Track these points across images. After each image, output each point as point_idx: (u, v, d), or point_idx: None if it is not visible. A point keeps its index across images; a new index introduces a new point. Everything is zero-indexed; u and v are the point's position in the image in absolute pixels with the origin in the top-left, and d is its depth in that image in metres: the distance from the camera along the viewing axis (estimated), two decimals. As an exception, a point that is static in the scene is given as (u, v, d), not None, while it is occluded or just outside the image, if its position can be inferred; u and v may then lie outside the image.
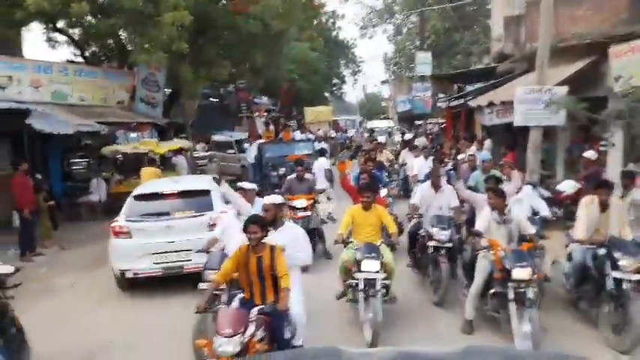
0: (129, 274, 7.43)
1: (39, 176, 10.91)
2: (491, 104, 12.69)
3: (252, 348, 3.97)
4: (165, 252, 7.34)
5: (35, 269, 9.05)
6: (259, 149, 16.39)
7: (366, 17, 37.68)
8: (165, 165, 14.42)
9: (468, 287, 6.03)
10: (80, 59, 17.07)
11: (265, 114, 31.88)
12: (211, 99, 26.81)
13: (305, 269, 7.42)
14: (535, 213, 6.99)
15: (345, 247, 6.20)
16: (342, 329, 6.05)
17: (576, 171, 10.39)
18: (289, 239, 4.96)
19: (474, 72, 19.41)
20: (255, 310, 4.21)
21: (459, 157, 12.63)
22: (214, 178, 7.10)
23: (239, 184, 7.06)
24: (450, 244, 6.77)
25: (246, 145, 19.71)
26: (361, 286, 5.62)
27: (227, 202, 6.85)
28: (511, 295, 5.24)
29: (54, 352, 5.71)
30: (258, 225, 4.38)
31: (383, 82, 44.72)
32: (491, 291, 5.58)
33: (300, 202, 8.73)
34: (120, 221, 7.56)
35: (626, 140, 9.37)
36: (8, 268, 4.93)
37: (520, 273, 5.16)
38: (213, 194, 7.69)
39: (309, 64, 31.97)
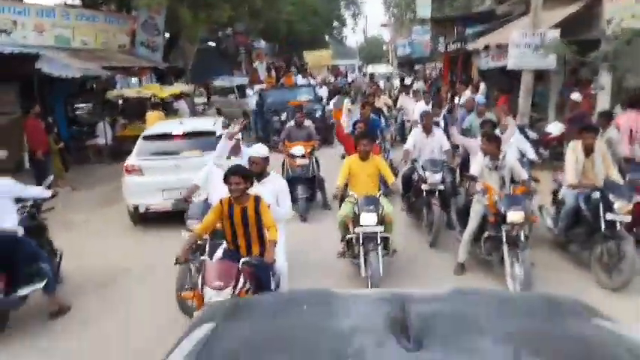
0: (141, 209, 8.01)
1: (50, 119, 11.23)
2: (487, 48, 12.83)
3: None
4: (174, 188, 7.74)
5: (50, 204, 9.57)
6: (260, 95, 16.35)
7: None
8: (168, 110, 14.61)
9: (461, 232, 6.08)
10: (78, 1, 17.00)
11: (266, 58, 31.57)
12: (209, 43, 26.56)
13: (304, 219, 7.86)
14: (522, 155, 7.09)
15: (340, 202, 6.12)
16: (341, 282, 5.89)
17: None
18: (272, 192, 4.79)
19: (473, 14, 19.26)
20: (241, 262, 4.10)
21: (456, 100, 12.90)
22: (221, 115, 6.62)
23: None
24: (442, 187, 6.82)
25: (248, 92, 19.58)
26: (360, 240, 5.50)
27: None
28: (504, 237, 5.35)
29: (77, 274, 6.32)
30: (240, 175, 4.16)
31: (383, 26, 43.99)
32: (485, 235, 5.65)
33: (299, 149, 8.51)
34: (132, 160, 8.04)
35: (613, 83, 9.54)
36: (48, 192, 5.47)
37: (514, 216, 5.23)
38: (219, 134, 8.09)
39: (308, 4, 31.22)
